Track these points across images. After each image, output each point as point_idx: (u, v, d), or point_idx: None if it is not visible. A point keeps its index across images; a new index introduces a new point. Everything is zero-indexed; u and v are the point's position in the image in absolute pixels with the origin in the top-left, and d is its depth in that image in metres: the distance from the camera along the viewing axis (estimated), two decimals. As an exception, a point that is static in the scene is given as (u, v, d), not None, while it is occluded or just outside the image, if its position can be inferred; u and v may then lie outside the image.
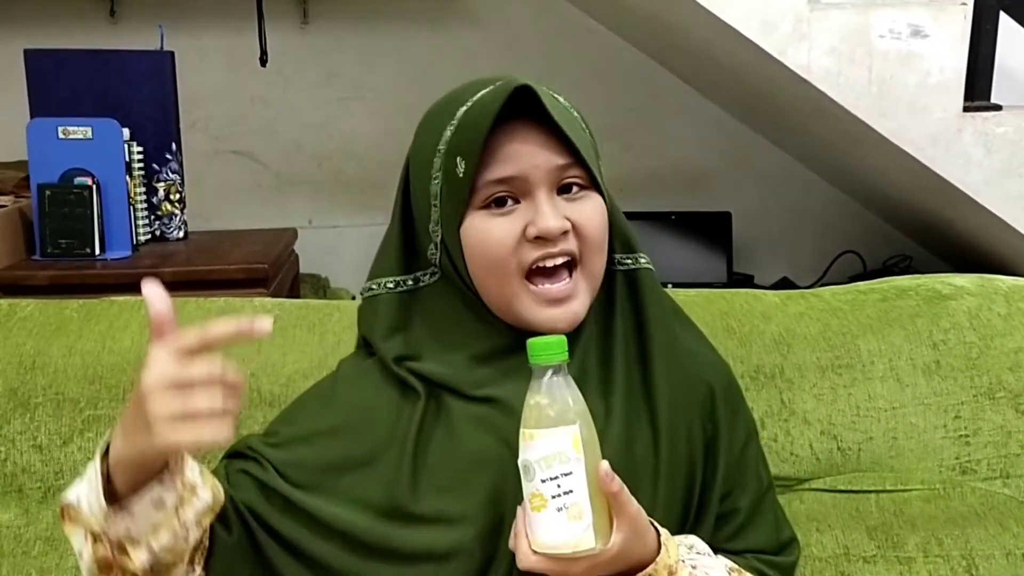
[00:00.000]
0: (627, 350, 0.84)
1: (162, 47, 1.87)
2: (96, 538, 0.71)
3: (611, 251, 0.85)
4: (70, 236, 1.71)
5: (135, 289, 1.42)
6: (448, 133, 0.79)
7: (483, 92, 0.78)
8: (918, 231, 2.41)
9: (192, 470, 0.73)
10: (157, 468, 0.70)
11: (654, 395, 0.83)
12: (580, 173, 0.79)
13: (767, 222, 2.60)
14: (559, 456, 0.69)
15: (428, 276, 0.85)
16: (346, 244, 2.58)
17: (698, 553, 0.80)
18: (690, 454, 0.85)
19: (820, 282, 2.44)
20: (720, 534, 0.87)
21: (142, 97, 1.82)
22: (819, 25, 1.63)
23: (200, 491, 0.73)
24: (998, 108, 1.71)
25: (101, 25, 2.38)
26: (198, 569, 0.77)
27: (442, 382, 0.82)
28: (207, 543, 0.79)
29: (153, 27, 1.92)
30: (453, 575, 0.78)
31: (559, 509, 0.69)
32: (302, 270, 2.22)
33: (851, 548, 1.08)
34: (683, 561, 0.77)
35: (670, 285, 1.79)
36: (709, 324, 1.15)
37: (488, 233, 0.78)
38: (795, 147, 2.51)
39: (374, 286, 0.87)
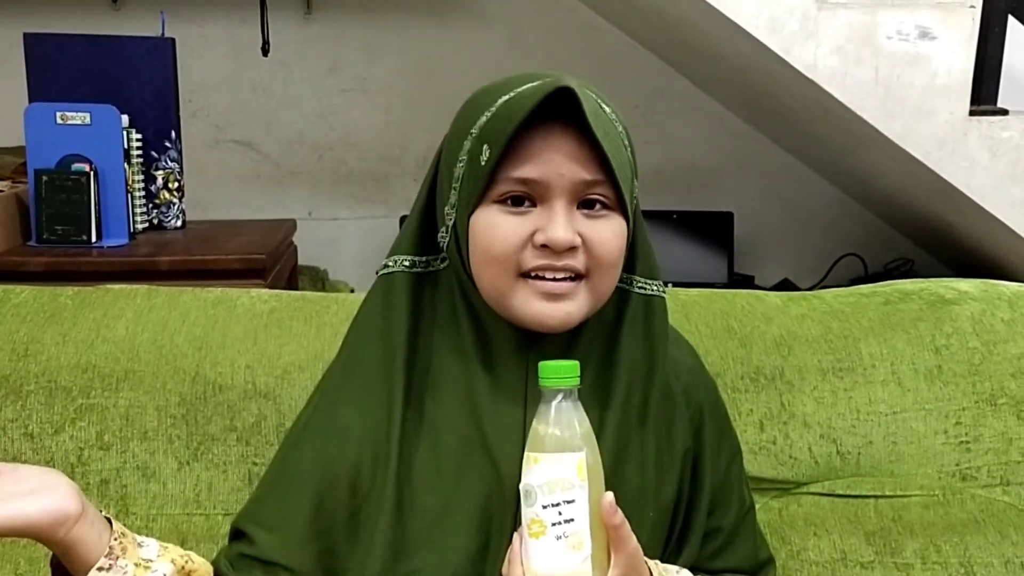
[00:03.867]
0: (632, 370, 0.83)
1: (163, 33, 1.85)
2: None
3: (631, 271, 0.83)
4: (67, 223, 1.69)
5: (131, 278, 1.43)
6: (483, 119, 0.76)
7: (528, 85, 0.75)
8: (920, 234, 2.40)
9: (147, 549, 0.74)
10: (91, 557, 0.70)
11: (648, 415, 0.82)
12: (607, 192, 0.76)
13: (769, 223, 2.60)
14: (562, 482, 0.68)
15: (439, 262, 0.83)
16: (346, 236, 2.58)
17: None
18: (679, 473, 0.84)
19: (821, 284, 2.43)
20: (701, 552, 0.86)
21: (142, 83, 1.81)
22: (826, 24, 1.63)
23: (157, 564, 0.73)
24: (1004, 112, 1.70)
25: (103, 11, 2.37)
26: None
27: (432, 385, 0.81)
28: None
29: (155, 14, 1.91)
30: None
31: (558, 537, 0.67)
32: (301, 262, 2.20)
33: (849, 554, 1.07)
34: None
35: (670, 284, 1.79)
36: (710, 324, 1.14)
37: (496, 228, 0.76)
38: (799, 148, 2.50)
39: (390, 263, 0.84)
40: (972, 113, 1.68)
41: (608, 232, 0.77)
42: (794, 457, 1.11)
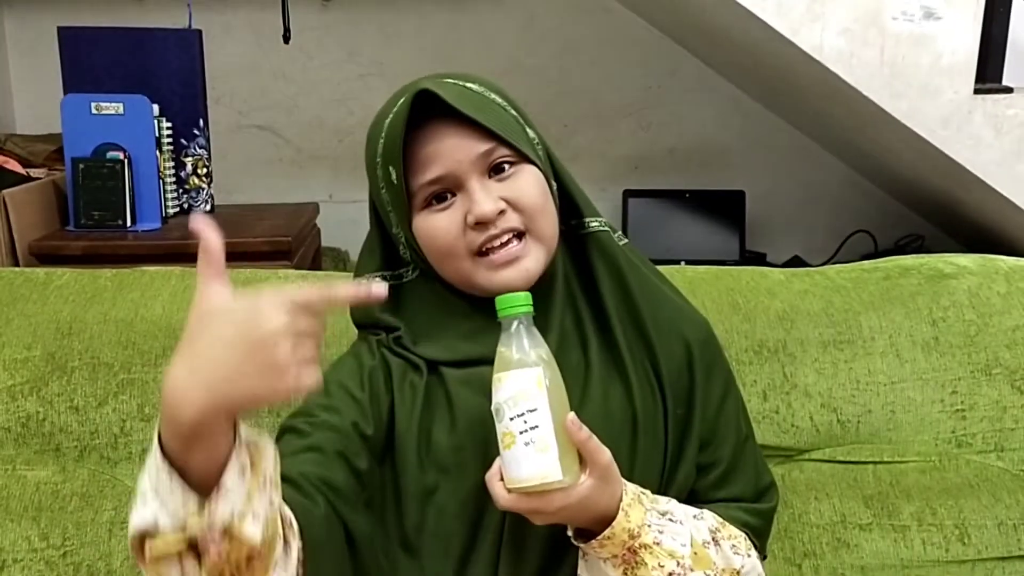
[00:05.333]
0: (589, 309, 0.90)
1: (190, 25, 1.91)
2: (198, 549, 0.61)
3: (580, 216, 0.90)
4: (103, 208, 1.76)
5: (165, 260, 1.49)
6: (380, 146, 0.84)
7: (399, 103, 0.83)
8: (930, 211, 2.42)
9: (242, 428, 0.65)
10: (227, 435, 0.62)
11: (618, 347, 0.88)
12: (507, 151, 0.84)
13: (780, 201, 2.62)
14: (523, 394, 0.74)
15: (410, 271, 0.91)
16: (366, 218, 2.61)
17: (670, 520, 0.80)
18: (666, 403, 0.89)
19: (832, 261, 2.45)
20: (703, 483, 0.91)
21: (171, 73, 1.86)
22: (833, 6, 1.64)
23: (261, 442, 0.66)
24: (1009, 90, 1.71)
25: (130, 5, 2.42)
26: (294, 544, 0.69)
27: (435, 360, 0.88)
28: (292, 518, 0.71)
29: (179, 6, 1.96)
30: (451, 526, 0.84)
31: (527, 444, 0.74)
32: (323, 243, 2.26)
33: (848, 516, 1.12)
34: (649, 526, 0.78)
35: (683, 262, 1.83)
36: (716, 300, 1.18)
37: (434, 228, 0.84)
38: (809, 127, 2.52)
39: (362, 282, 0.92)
40: (977, 91, 1.69)
41: (524, 184, 0.84)
42: (796, 426, 1.15)
